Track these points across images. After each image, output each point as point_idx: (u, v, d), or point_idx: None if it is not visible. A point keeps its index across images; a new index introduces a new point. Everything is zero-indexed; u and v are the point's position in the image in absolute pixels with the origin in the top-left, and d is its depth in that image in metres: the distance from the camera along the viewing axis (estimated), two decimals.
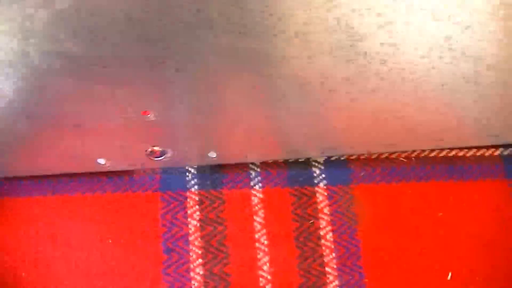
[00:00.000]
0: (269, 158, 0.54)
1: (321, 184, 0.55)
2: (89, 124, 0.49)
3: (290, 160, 0.56)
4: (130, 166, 0.54)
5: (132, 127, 0.50)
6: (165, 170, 0.56)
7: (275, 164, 0.56)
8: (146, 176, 0.56)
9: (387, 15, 0.39)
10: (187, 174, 0.56)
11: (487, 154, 0.57)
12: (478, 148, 0.58)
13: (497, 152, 0.57)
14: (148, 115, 0.49)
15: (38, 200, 0.55)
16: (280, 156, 0.54)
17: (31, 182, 0.56)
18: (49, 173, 0.54)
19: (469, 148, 0.58)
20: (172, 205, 0.55)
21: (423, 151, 0.57)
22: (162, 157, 0.51)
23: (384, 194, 0.56)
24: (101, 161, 0.53)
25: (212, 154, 0.52)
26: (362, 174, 0.56)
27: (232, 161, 0.54)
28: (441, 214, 0.55)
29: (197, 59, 0.43)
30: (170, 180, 0.56)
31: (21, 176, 0.56)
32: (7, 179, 0.56)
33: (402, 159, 0.57)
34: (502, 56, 0.43)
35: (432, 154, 0.57)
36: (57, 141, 0.51)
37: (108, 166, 0.53)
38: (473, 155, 0.57)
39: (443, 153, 0.57)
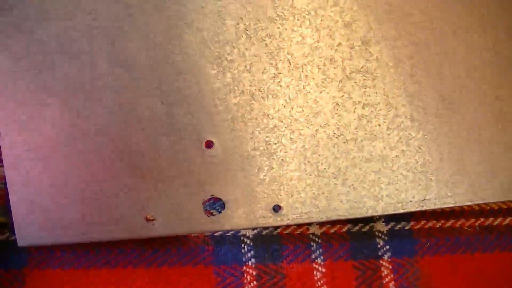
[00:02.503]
0: (335, 215, 0.49)
1: (386, 257, 0.51)
2: (142, 161, 0.45)
3: (353, 230, 0.52)
4: (182, 227, 0.48)
5: (190, 166, 0.46)
6: (218, 241, 0.50)
7: (337, 234, 0.52)
8: (197, 247, 0.50)
9: None
10: (243, 245, 0.50)
11: None
12: None
13: None
14: (212, 149, 0.46)
15: (72, 273, 0.49)
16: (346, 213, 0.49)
17: (65, 252, 0.49)
18: (93, 239, 0.47)
19: None
20: (227, 281, 0.49)
21: (487, 219, 0.54)
22: (221, 212, 0.45)
23: (450, 266, 0.52)
24: (151, 218, 0.45)
25: (277, 211, 0.46)
26: (427, 245, 0.52)
27: (297, 221, 0.48)
28: (507, 287, 0.51)
29: None
30: (224, 253, 0.50)
31: (52, 246, 0.48)
32: (37, 249, 0.50)
33: (466, 228, 0.53)
34: None
35: (496, 223, 0.54)
36: (107, 188, 0.46)
37: (157, 227, 0.46)
38: None
39: (506, 221, 0.54)
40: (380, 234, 0.52)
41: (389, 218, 0.52)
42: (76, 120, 0.44)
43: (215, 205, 0.46)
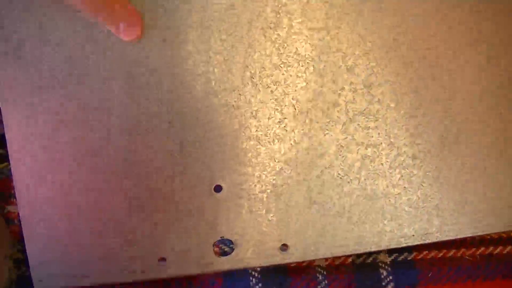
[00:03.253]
0: (341, 251, 0.51)
1: (389, 287, 0.53)
2: (155, 203, 0.48)
3: (357, 262, 0.54)
4: (193, 268, 0.50)
5: (201, 209, 0.49)
6: (226, 274, 0.52)
7: (342, 266, 0.54)
8: (207, 280, 0.52)
9: None
10: (251, 278, 0.52)
11: None
12: None
13: None
14: (221, 193, 0.48)
15: None
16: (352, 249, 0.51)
17: None
18: (108, 282, 0.49)
19: None
20: None
21: (487, 248, 0.55)
22: (231, 253, 0.47)
23: None
24: (163, 261, 0.48)
25: (285, 249, 0.48)
26: (429, 274, 0.54)
27: (304, 258, 0.50)
28: None
29: None
30: (233, 286, 0.52)
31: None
32: None
33: (467, 257, 0.55)
34: None
35: (496, 251, 0.55)
36: (122, 229, 0.48)
37: (169, 267, 0.48)
38: None
39: (507, 250, 0.56)
40: (383, 265, 0.54)
41: (392, 249, 0.54)
42: (92, 158, 0.45)
43: (225, 244, 0.48)
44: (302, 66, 0.47)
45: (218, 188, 0.47)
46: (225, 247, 0.49)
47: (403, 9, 0.48)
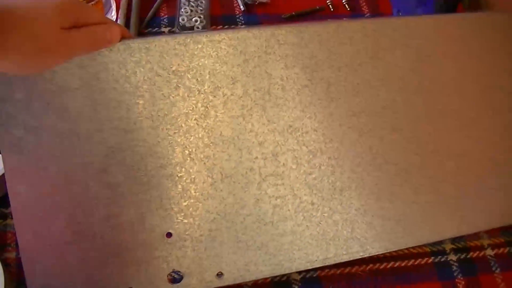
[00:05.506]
0: (262, 275, 0.71)
1: None
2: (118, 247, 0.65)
3: (275, 280, 0.74)
4: None
5: (157, 250, 0.66)
6: None
7: (264, 284, 0.73)
8: None
9: None
10: None
11: (423, 262, 0.78)
12: (416, 258, 0.78)
13: (430, 260, 0.78)
14: (171, 237, 0.67)
15: None
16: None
17: None
18: None
19: (409, 259, 0.78)
20: None
21: (374, 264, 0.77)
22: (180, 280, 0.66)
23: None
24: None
25: (220, 276, 0.68)
26: (330, 287, 0.75)
27: (235, 282, 0.69)
28: None
29: None
30: None
31: None
32: None
33: (359, 272, 0.76)
34: None
35: (382, 267, 0.77)
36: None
37: None
38: (412, 264, 0.78)
39: (390, 265, 0.77)
40: (295, 282, 0.74)
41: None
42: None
43: (176, 273, 0.68)
44: (225, 144, 0.67)
45: (169, 235, 0.67)
46: (175, 275, 0.68)
47: (296, 103, 0.69)
